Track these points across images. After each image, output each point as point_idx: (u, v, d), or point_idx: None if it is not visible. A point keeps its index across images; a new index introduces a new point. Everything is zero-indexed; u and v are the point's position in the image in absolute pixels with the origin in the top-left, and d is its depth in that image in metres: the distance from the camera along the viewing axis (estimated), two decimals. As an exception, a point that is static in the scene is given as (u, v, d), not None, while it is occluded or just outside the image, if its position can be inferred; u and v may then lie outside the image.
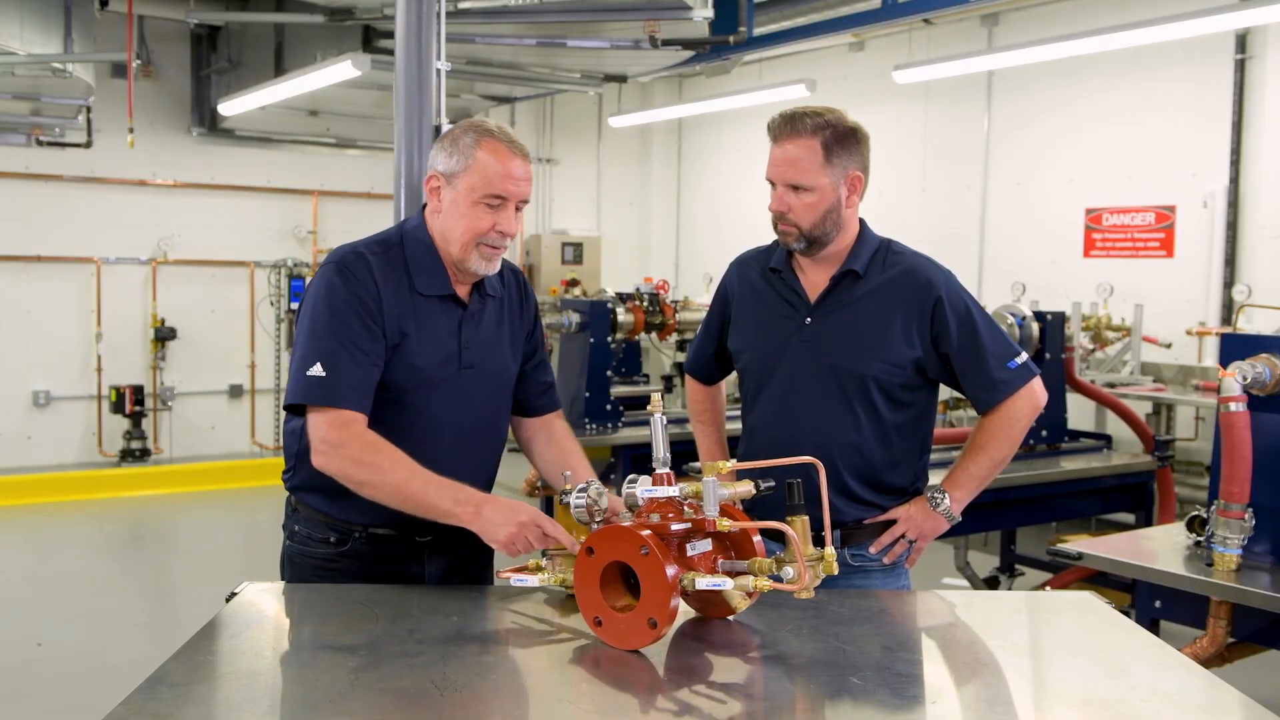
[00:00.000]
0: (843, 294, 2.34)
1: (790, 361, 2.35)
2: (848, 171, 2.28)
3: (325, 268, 2.17)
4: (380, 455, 2.05)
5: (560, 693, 1.62)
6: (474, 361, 2.22)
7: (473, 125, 2.18)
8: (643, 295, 5.80)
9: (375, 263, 2.16)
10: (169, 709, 1.48)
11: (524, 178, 2.16)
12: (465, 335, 2.22)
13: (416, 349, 2.16)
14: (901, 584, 2.39)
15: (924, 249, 2.41)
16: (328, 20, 6.35)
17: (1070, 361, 4.70)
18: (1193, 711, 1.57)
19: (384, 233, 2.28)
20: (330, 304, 2.11)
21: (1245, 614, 2.66)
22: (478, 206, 2.13)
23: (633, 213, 11.32)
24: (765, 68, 9.45)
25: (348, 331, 2.09)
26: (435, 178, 2.18)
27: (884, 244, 2.39)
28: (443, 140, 2.20)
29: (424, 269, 2.19)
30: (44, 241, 8.55)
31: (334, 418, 2.06)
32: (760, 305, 2.44)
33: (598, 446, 5.25)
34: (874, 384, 2.30)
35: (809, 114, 2.26)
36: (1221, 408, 2.69)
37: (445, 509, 2.01)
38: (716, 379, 2.63)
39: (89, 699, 3.97)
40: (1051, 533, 5.80)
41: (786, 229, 2.31)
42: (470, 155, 2.13)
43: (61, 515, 7.59)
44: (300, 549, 2.26)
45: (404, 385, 2.16)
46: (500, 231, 2.15)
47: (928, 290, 2.29)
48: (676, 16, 5.76)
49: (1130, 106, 7.34)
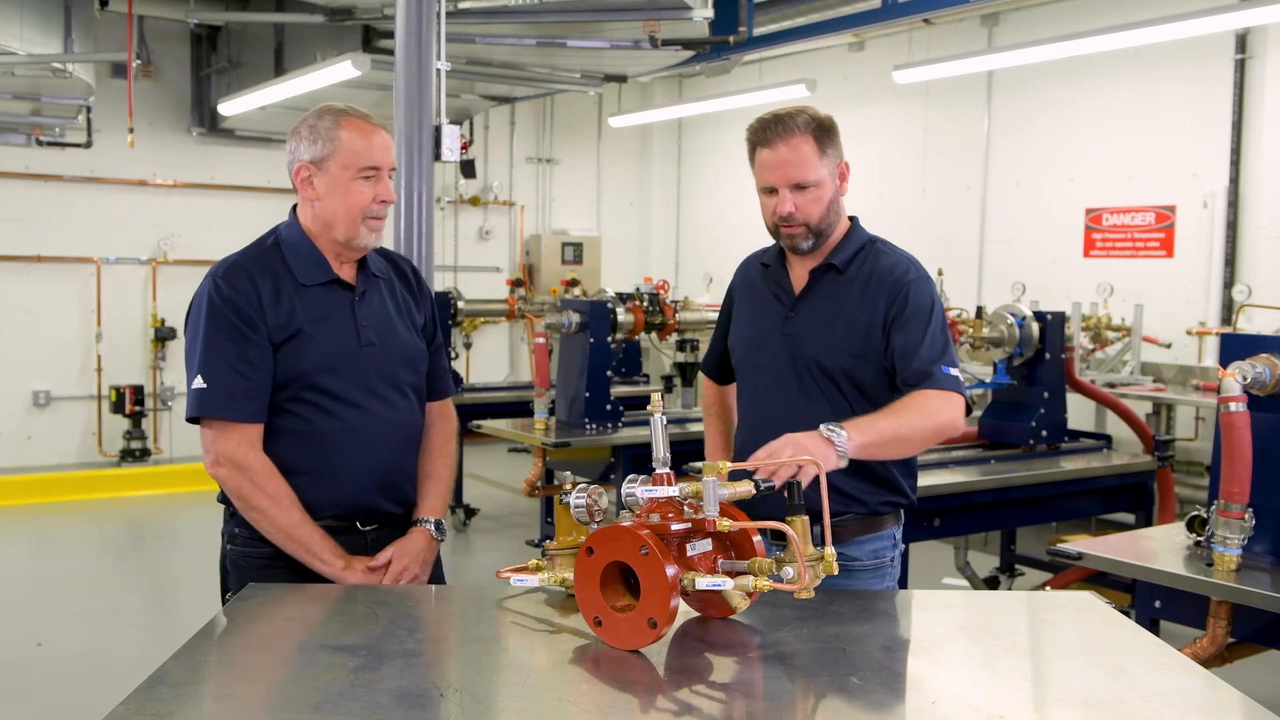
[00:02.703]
0: (824, 288, 2.37)
1: (773, 354, 2.38)
2: (837, 161, 2.33)
3: (203, 284, 2.25)
4: (280, 489, 2.19)
5: (560, 693, 1.62)
6: (373, 339, 2.29)
7: (327, 109, 2.26)
8: (643, 295, 5.80)
9: (252, 268, 2.24)
10: (169, 709, 1.48)
11: (388, 146, 2.27)
12: (360, 314, 2.29)
13: (314, 336, 2.23)
14: (887, 584, 2.37)
15: (924, 249, 2.42)
16: (328, 20, 6.35)
17: (1070, 361, 4.69)
18: (1193, 711, 1.57)
19: (257, 239, 2.35)
20: (210, 318, 2.19)
21: (1245, 614, 2.65)
22: (355, 182, 2.22)
23: (633, 213, 11.33)
24: (765, 68, 9.45)
25: (227, 344, 2.17)
26: (305, 168, 2.26)
27: (870, 241, 2.41)
28: (298, 131, 2.27)
29: (303, 260, 2.27)
30: (44, 241, 8.55)
31: (235, 434, 2.18)
32: (754, 301, 2.48)
33: (598, 446, 5.25)
34: (846, 378, 2.31)
35: (793, 113, 2.29)
36: (1221, 408, 2.69)
37: (323, 559, 2.19)
38: (727, 379, 2.63)
39: (89, 699, 3.98)
40: (1051, 533, 5.80)
41: (795, 230, 2.31)
42: (334, 137, 2.22)
43: (61, 515, 7.59)
44: (242, 550, 2.29)
45: (311, 373, 2.22)
46: (382, 201, 2.25)
47: (901, 279, 2.32)
48: (676, 16, 5.76)
49: (1130, 106, 7.34)
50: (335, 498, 2.25)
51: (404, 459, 2.35)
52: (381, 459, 2.28)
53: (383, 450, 2.28)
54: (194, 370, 2.19)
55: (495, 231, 10.64)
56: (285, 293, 2.23)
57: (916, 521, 4.05)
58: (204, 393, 2.16)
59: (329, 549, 2.20)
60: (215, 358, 2.17)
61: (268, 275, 2.24)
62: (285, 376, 2.21)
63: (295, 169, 2.26)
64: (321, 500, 2.23)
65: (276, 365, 2.21)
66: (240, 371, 2.17)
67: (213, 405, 2.17)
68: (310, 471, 2.23)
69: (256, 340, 2.19)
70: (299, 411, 2.23)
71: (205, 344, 2.18)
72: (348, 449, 2.24)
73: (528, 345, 5.83)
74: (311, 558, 2.19)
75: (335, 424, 2.24)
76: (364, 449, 2.25)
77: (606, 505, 1.97)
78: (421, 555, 2.31)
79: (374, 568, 2.24)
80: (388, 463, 2.30)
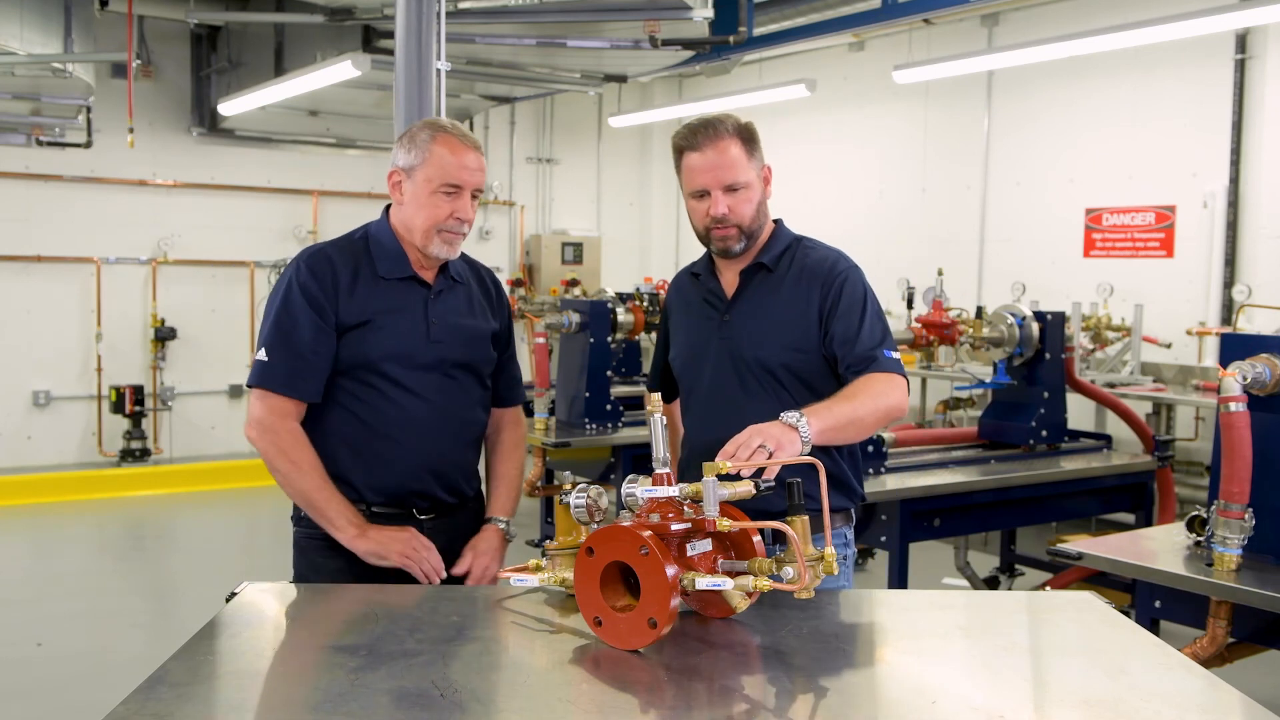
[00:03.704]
0: (755, 287, 2.40)
1: (712, 360, 2.41)
2: (762, 164, 2.38)
3: (289, 265, 2.40)
4: (303, 456, 2.30)
5: (560, 693, 1.62)
6: (443, 337, 2.39)
7: (428, 123, 2.41)
8: (643, 295, 5.81)
9: (336, 257, 2.37)
10: (169, 709, 1.48)
11: (477, 168, 2.36)
12: (432, 313, 2.39)
13: (383, 326, 2.34)
14: (840, 584, 2.34)
15: (924, 249, 2.43)
16: (328, 20, 6.35)
17: (1070, 361, 4.69)
18: (1193, 711, 1.57)
19: (348, 232, 2.48)
20: (286, 299, 2.33)
21: (1245, 614, 2.66)
22: (436, 195, 2.32)
23: (633, 213, 11.32)
24: (765, 68, 9.45)
25: (296, 325, 2.30)
26: (397, 173, 2.38)
27: (796, 239, 2.45)
28: (401, 139, 2.39)
29: (386, 256, 2.39)
30: (44, 241, 8.55)
31: (273, 404, 2.30)
32: (689, 312, 2.51)
33: (598, 446, 5.25)
34: (788, 372, 2.34)
35: (720, 118, 2.34)
36: (1221, 408, 2.69)
37: (337, 525, 2.29)
38: (672, 395, 2.62)
39: (89, 699, 3.98)
40: (1051, 533, 5.79)
41: (727, 232, 2.34)
42: (426, 149, 2.33)
43: (61, 515, 7.59)
44: (307, 532, 2.40)
45: (376, 360, 2.33)
46: (458, 218, 2.35)
47: (833, 271, 2.36)
48: (676, 16, 5.76)
49: (1130, 106, 7.34)
50: (390, 480, 2.36)
51: (459, 451, 2.46)
52: (436, 447, 2.39)
53: (437, 439, 2.39)
54: (261, 344, 2.33)
55: (495, 231, 10.64)
56: (363, 282, 2.35)
57: (916, 521, 4.06)
58: (261, 365, 2.31)
59: (344, 515, 2.29)
60: (279, 335, 2.30)
61: (349, 264, 2.36)
62: (352, 361, 2.33)
63: (390, 172, 2.39)
64: (377, 482, 2.35)
65: (345, 349, 2.33)
66: (299, 351, 2.30)
67: (264, 378, 2.30)
68: (368, 453, 2.35)
69: (323, 326, 2.31)
70: (362, 395, 2.34)
71: (276, 322, 2.32)
72: (403, 434, 2.34)
73: (528, 345, 5.82)
74: (326, 523, 2.29)
75: (394, 410, 2.34)
76: (418, 435, 2.36)
77: (606, 505, 1.97)
78: (497, 552, 2.45)
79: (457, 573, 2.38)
80: (442, 452, 2.41)
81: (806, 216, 2.58)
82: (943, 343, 4.98)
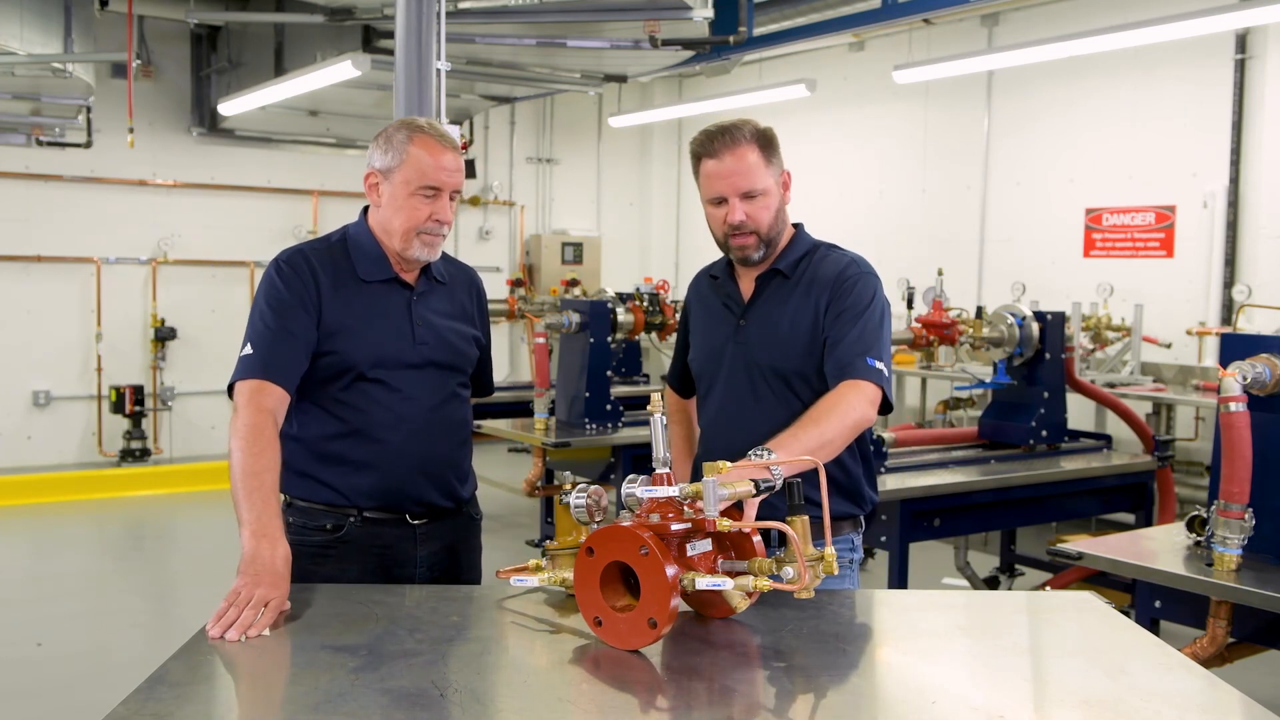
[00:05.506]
0: (770, 293, 2.39)
1: (728, 363, 2.40)
2: (781, 170, 2.35)
3: (268, 267, 2.35)
4: (256, 442, 2.11)
5: (560, 693, 1.62)
6: (428, 339, 2.36)
7: (405, 123, 2.33)
8: (643, 295, 5.81)
9: (315, 258, 2.32)
10: (169, 709, 1.48)
11: (455, 169, 2.30)
12: (416, 314, 2.35)
13: (367, 330, 2.30)
14: (847, 584, 2.35)
15: (924, 249, 2.43)
16: (328, 20, 6.35)
17: (1070, 361, 4.69)
18: (1193, 711, 1.57)
19: (325, 235, 2.44)
20: (267, 297, 2.28)
21: (1245, 614, 2.66)
22: (414, 198, 2.27)
23: (633, 213, 11.32)
24: (765, 68, 9.45)
25: (279, 319, 2.25)
26: (373, 174, 2.33)
27: (816, 245, 2.42)
28: (377, 139, 2.34)
29: (366, 258, 2.34)
30: (44, 241, 8.55)
31: (251, 386, 2.21)
32: (707, 313, 2.51)
33: (598, 446, 5.25)
34: (800, 379, 2.32)
35: (738, 124, 2.31)
36: (1221, 408, 2.69)
37: (243, 521, 2.03)
38: (690, 392, 2.63)
39: (89, 699, 3.98)
40: (1051, 533, 5.80)
41: (745, 240, 2.33)
42: (404, 151, 2.27)
43: (61, 515, 7.59)
44: (296, 539, 2.26)
45: (362, 365, 2.29)
46: (437, 220, 2.29)
47: (841, 277, 2.32)
48: (676, 16, 5.76)
49: (1130, 106, 7.34)
50: (383, 484, 2.31)
51: (452, 453, 2.41)
52: (428, 450, 2.34)
53: (429, 441, 2.34)
54: (246, 341, 2.28)
55: (495, 231, 10.64)
56: (344, 286, 2.31)
57: (916, 521, 4.06)
58: (248, 358, 2.25)
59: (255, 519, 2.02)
60: (261, 328, 2.26)
61: (329, 266, 2.32)
62: (338, 367, 2.28)
63: (366, 174, 2.34)
64: (370, 487, 2.30)
65: (330, 354, 2.28)
66: (278, 340, 2.24)
67: (242, 370, 2.25)
68: (359, 459, 2.30)
69: (308, 321, 2.26)
70: (349, 400, 2.29)
71: (261, 320, 2.27)
72: (392, 437, 2.30)
73: (528, 345, 5.83)
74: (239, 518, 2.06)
75: (382, 413, 2.30)
76: (408, 437, 2.31)
77: (606, 505, 1.97)
78: None
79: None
80: (435, 455, 2.36)
81: (807, 217, 2.56)
82: (943, 343, 4.98)
